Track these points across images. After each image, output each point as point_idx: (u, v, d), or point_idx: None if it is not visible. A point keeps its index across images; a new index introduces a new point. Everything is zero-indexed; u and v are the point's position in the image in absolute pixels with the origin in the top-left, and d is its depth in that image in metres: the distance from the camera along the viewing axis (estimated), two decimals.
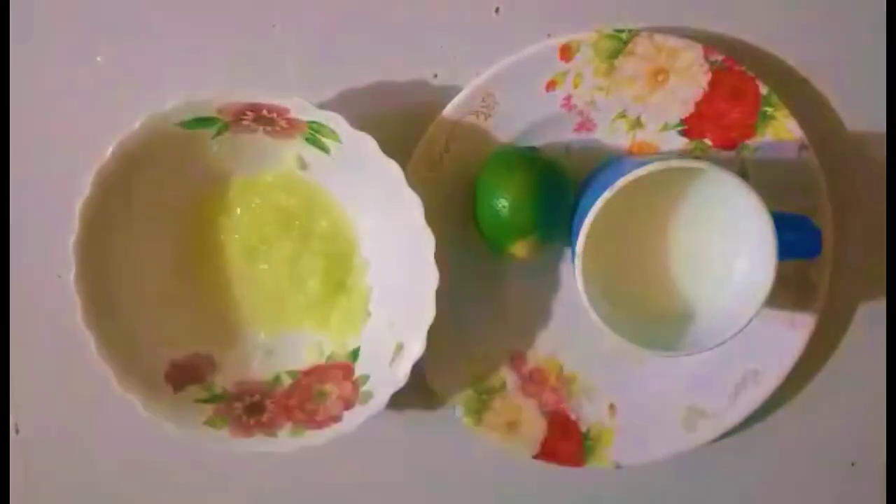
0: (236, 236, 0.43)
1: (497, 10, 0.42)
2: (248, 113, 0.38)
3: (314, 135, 0.38)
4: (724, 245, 0.40)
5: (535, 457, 0.44)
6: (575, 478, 0.46)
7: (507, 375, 0.45)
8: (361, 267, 0.43)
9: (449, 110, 0.40)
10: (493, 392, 0.44)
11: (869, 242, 0.44)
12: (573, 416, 0.45)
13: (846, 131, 0.43)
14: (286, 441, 0.40)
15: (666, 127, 0.41)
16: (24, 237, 0.45)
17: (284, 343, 0.43)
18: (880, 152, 0.43)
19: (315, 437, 0.40)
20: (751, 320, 0.37)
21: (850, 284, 0.45)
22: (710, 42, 0.40)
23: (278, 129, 0.39)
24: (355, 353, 0.42)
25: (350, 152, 0.38)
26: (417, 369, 0.40)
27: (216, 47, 0.42)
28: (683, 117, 0.41)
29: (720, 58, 0.40)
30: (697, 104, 0.41)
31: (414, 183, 0.37)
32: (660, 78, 0.40)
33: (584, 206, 0.37)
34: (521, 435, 0.44)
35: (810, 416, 0.46)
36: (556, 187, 0.40)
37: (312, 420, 0.41)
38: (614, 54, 0.40)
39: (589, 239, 0.36)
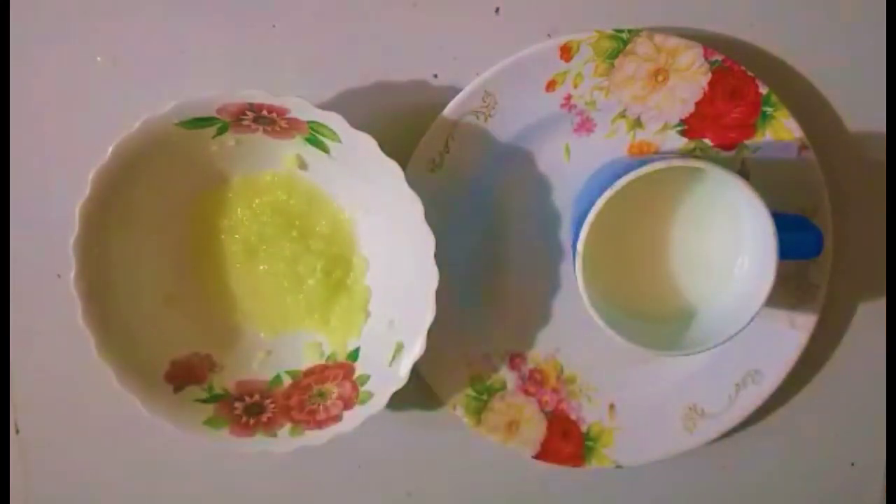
0: (236, 236, 0.43)
1: (497, 10, 0.42)
2: (248, 113, 0.38)
3: (314, 135, 0.38)
4: (724, 245, 0.40)
5: (535, 457, 0.44)
6: (575, 478, 0.46)
7: (507, 375, 0.45)
8: (361, 267, 0.43)
9: (449, 110, 0.40)
10: (493, 392, 0.44)
11: (869, 242, 0.44)
12: (573, 416, 0.45)
13: (846, 131, 0.43)
14: (286, 441, 0.40)
15: (666, 127, 0.41)
16: (24, 237, 0.45)
17: (284, 343, 0.43)
18: (880, 152, 0.43)
19: (315, 437, 0.40)
20: (751, 320, 0.37)
21: (850, 284, 0.45)
22: (710, 42, 0.40)
23: (278, 129, 0.39)
24: (355, 353, 0.42)
25: (350, 152, 0.38)
26: (417, 369, 0.40)
27: (216, 47, 0.42)
28: (683, 117, 0.41)
29: (720, 58, 0.40)
30: (697, 104, 0.41)
31: (414, 183, 0.37)
32: (660, 78, 0.40)
33: (585, 206, 0.37)
34: (521, 435, 0.44)
35: (810, 416, 0.46)
36: None
37: (312, 420, 0.41)
38: (614, 54, 0.40)
39: (589, 239, 0.36)
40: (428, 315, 0.38)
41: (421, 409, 0.46)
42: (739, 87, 0.40)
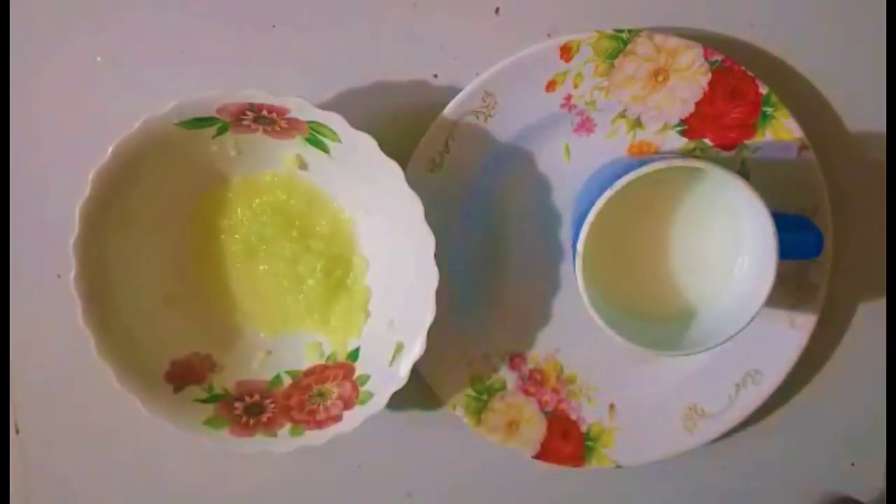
0: (236, 236, 0.43)
1: (497, 10, 0.42)
2: (248, 113, 0.38)
3: (314, 135, 0.38)
4: (724, 245, 0.40)
5: (535, 457, 0.44)
6: (575, 478, 0.46)
7: (507, 375, 0.45)
8: (361, 267, 0.43)
9: (449, 110, 0.40)
10: (493, 392, 0.44)
11: (869, 242, 0.44)
12: (573, 416, 0.45)
13: (846, 131, 0.43)
14: (286, 441, 0.40)
15: (666, 127, 0.41)
16: (24, 237, 0.45)
17: (284, 343, 0.43)
18: (880, 152, 0.43)
19: (315, 437, 0.40)
20: (751, 320, 0.37)
21: (850, 284, 0.45)
22: (710, 42, 0.40)
23: (278, 129, 0.39)
24: (355, 353, 0.42)
25: (350, 152, 0.38)
26: (417, 369, 0.40)
27: (216, 47, 0.42)
28: (683, 117, 0.41)
29: (720, 58, 0.40)
30: (697, 104, 0.41)
31: (414, 183, 0.37)
32: (660, 78, 0.40)
33: (585, 206, 0.37)
34: (521, 435, 0.44)
35: (810, 416, 0.46)
36: None
37: (312, 420, 0.41)
38: (614, 54, 0.40)
39: (589, 239, 0.36)
40: (428, 315, 0.38)
41: (421, 409, 0.46)
42: (739, 87, 0.40)
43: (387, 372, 0.40)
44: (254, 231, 0.42)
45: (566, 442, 0.44)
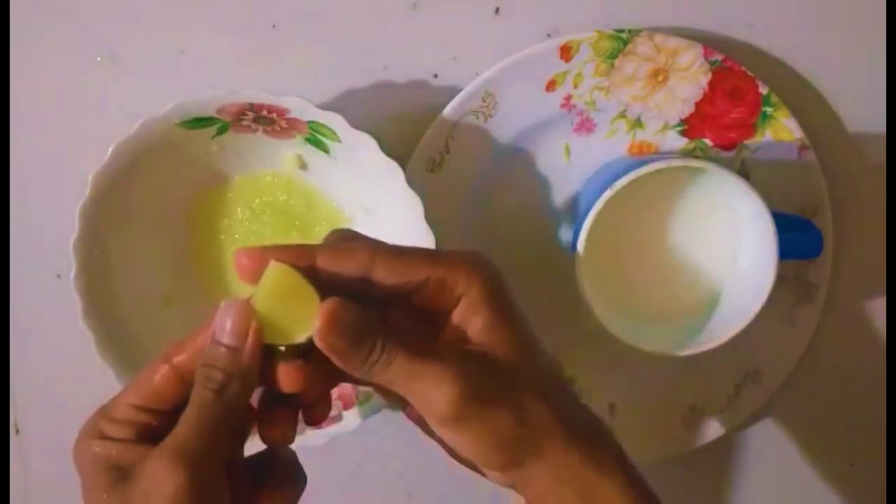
0: (236, 236, 0.43)
1: (497, 10, 0.42)
2: (248, 113, 0.38)
3: (314, 135, 0.38)
4: (724, 245, 0.40)
5: None
6: None
7: None
8: None
9: (449, 110, 0.40)
10: None
11: (869, 242, 0.44)
12: None
13: (846, 131, 0.43)
14: None
15: (666, 127, 0.41)
16: (24, 237, 0.44)
17: None
18: (880, 152, 0.43)
19: (315, 437, 0.40)
20: (751, 320, 0.37)
21: (850, 284, 0.45)
22: (710, 42, 0.40)
23: (278, 129, 0.39)
24: None
25: (350, 152, 0.38)
26: None
27: (216, 47, 0.42)
28: (683, 117, 0.41)
29: (720, 58, 0.40)
30: (697, 104, 0.41)
31: (414, 183, 0.37)
32: (660, 78, 0.40)
33: (585, 206, 0.37)
34: None
35: (810, 416, 0.46)
36: None
37: None
38: (614, 54, 0.40)
39: (589, 239, 0.36)
40: None
41: None
42: (739, 87, 0.40)
43: None
44: (254, 231, 0.42)
45: None
